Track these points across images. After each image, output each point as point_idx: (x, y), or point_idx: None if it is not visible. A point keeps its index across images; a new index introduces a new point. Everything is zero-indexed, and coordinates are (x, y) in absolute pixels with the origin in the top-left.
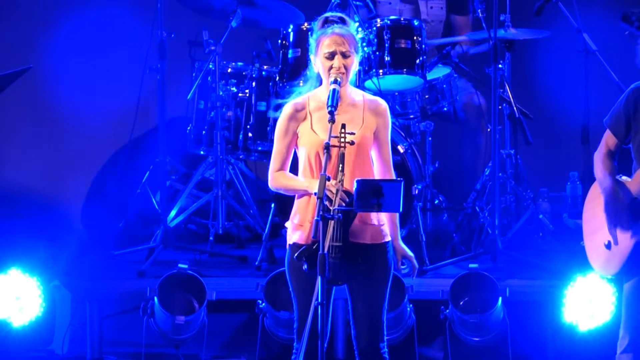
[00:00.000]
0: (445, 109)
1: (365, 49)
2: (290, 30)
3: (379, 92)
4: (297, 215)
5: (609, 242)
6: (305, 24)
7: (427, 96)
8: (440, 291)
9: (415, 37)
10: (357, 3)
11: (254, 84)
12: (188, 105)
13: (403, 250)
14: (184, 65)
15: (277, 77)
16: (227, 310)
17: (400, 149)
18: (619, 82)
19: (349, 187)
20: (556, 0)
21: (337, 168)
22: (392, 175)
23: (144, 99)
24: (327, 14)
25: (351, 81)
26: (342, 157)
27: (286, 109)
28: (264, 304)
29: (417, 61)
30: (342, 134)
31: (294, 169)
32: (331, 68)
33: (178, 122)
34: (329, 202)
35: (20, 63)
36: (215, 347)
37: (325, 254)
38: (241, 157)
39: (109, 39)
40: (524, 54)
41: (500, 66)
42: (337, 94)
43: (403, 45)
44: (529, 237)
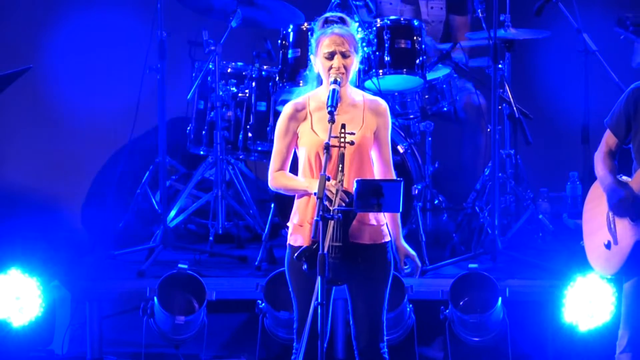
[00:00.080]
0: (445, 109)
1: (365, 49)
2: (290, 30)
3: (378, 92)
4: (296, 215)
5: (609, 242)
6: (305, 24)
7: (427, 96)
8: (440, 291)
9: (415, 37)
10: (357, 3)
11: (253, 84)
12: (188, 105)
13: (405, 249)
14: (184, 65)
15: (277, 77)
16: (227, 310)
17: (400, 149)
18: (619, 82)
19: (348, 187)
20: (556, 0)
21: (337, 168)
22: (393, 176)
23: (144, 99)
24: (327, 14)
25: (351, 81)
26: (342, 157)
27: (286, 108)
28: (263, 304)
29: (417, 61)
30: (342, 134)
31: (294, 169)
32: (331, 68)
33: (178, 122)
34: (329, 202)
35: (20, 63)
36: (215, 347)
37: (325, 254)
38: (241, 157)
39: (109, 39)
40: (524, 54)
41: (500, 66)
42: (337, 94)
43: (403, 46)
44: (528, 237)
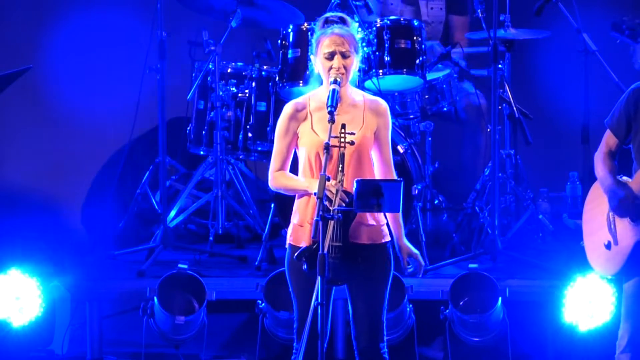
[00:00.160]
0: (445, 109)
1: (365, 49)
2: (290, 30)
3: (378, 92)
4: (297, 215)
5: (609, 242)
6: (305, 24)
7: (427, 96)
8: (440, 291)
9: (415, 37)
10: (357, 3)
11: (253, 84)
12: (188, 105)
13: (408, 248)
14: (184, 65)
15: (277, 77)
16: (227, 310)
17: (400, 149)
18: (619, 82)
19: (348, 187)
20: (556, 0)
21: (337, 168)
22: (393, 176)
23: (144, 99)
24: (328, 14)
25: (352, 81)
26: (342, 157)
27: (286, 108)
28: (263, 304)
29: (417, 61)
30: (342, 134)
31: (294, 169)
32: (331, 68)
33: (178, 122)
34: (329, 202)
35: (20, 63)
36: (215, 347)
37: (325, 254)
38: (241, 157)
39: (109, 39)
40: (524, 54)
41: (500, 66)
42: (337, 94)
43: (403, 46)
44: (528, 237)
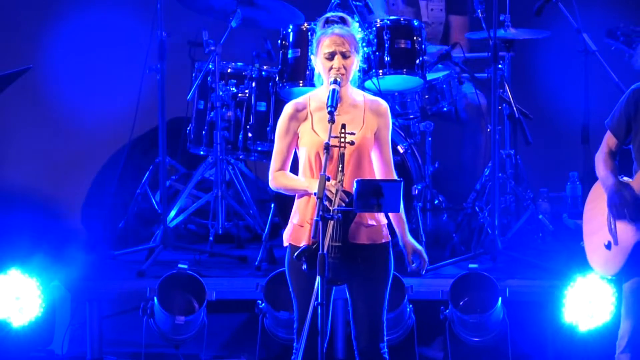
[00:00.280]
0: (445, 109)
1: (365, 49)
2: (290, 30)
3: (378, 92)
4: (297, 215)
5: (609, 243)
6: (305, 24)
7: (427, 96)
8: (440, 291)
9: (415, 37)
10: (357, 3)
11: (253, 84)
12: (188, 105)
13: (413, 245)
14: (184, 65)
15: (277, 78)
16: (227, 310)
17: (400, 149)
18: (619, 82)
19: (348, 187)
20: (556, 0)
21: (337, 168)
22: (393, 176)
23: (144, 99)
24: (328, 14)
25: (352, 81)
26: (342, 157)
27: (287, 108)
28: (263, 304)
29: (417, 61)
30: (342, 134)
31: (294, 169)
32: (331, 68)
33: (178, 122)
34: (329, 202)
35: (20, 63)
36: (215, 347)
37: (324, 254)
38: (241, 157)
39: (109, 39)
40: (524, 54)
41: (500, 66)
42: (337, 94)
43: (403, 46)
44: (528, 237)
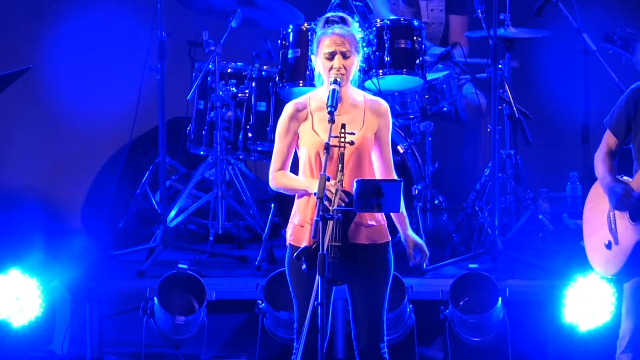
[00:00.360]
0: (445, 109)
1: (365, 49)
2: (290, 30)
3: (378, 92)
4: (297, 215)
5: (609, 242)
6: (305, 24)
7: (427, 96)
8: (440, 291)
9: (415, 37)
10: (357, 3)
11: (253, 84)
12: (188, 105)
13: (414, 239)
14: (184, 65)
15: (277, 77)
16: (227, 311)
17: (400, 149)
18: (619, 82)
19: (348, 187)
20: (556, 0)
21: (337, 168)
22: (393, 176)
23: (144, 99)
24: (329, 14)
25: (353, 81)
26: (342, 157)
27: (287, 108)
28: (263, 304)
29: (417, 61)
30: (342, 134)
31: (294, 169)
32: (331, 68)
33: (178, 122)
34: (329, 202)
35: (20, 63)
36: (215, 347)
37: (324, 254)
38: (241, 157)
39: (109, 39)
40: (524, 54)
41: (500, 66)
42: (337, 94)
43: (403, 46)
44: (528, 237)
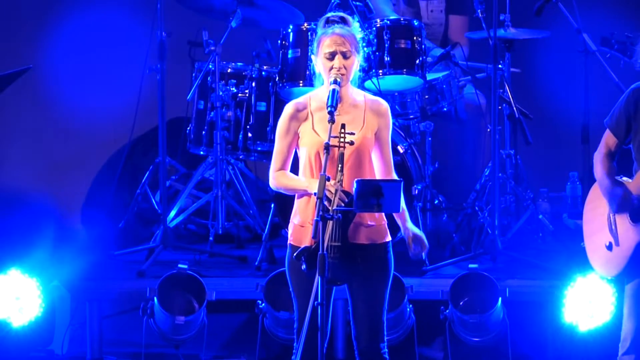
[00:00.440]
0: (445, 109)
1: (365, 49)
2: (290, 30)
3: (378, 92)
4: (297, 215)
5: (610, 243)
6: (305, 24)
7: (427, 96)
8: (440, 291)
9: (415, 37)
10: (357, 3)
11: (253, 84)
12: (188, 105)
13: (413, 231)
14: (184, 65)
15: (277, 77)
16: (227, 311)
17: (400, 149)
18: (619, 82)
19: (348, 187)
20: (556, 0)
21: (337, 168)
22: (393, 176)
23: (144, 99)
24: (329, 14)
25: (353, 81)
26: (341, 157)
27: (287, 108)
28: (263, 304)
29: (417, 61)
30: (342, 134)
31: (294, 169)
32: (332, 68)
33: (178, 122)
34: (329, 202)
35: (20, 63)
36: (215, 347)
37: (324, 254)
38: (241, 157)
39: (109, 39)
40: (524, 54)
41: (500, 66)
42: (337, 94)
43: (403, 46)
44: (528, 237)
